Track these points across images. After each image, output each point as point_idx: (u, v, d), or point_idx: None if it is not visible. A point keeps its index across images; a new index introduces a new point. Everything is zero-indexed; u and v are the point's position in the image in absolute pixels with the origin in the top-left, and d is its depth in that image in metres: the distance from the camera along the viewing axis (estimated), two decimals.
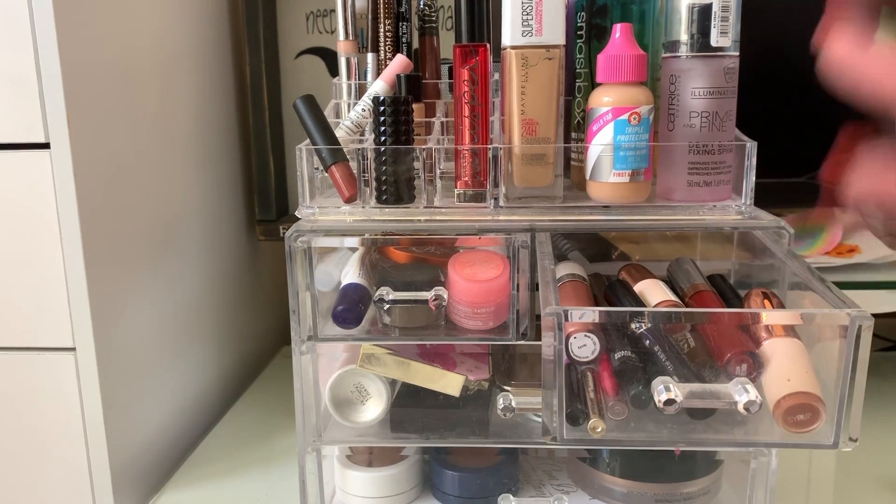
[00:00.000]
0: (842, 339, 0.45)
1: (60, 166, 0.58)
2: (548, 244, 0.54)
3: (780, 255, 0.55)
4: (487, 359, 0.62)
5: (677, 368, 0.48)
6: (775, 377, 0.47)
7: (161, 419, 0.73)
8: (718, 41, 0.54)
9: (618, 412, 0.48)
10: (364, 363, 0.58)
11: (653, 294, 0.55)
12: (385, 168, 0.56)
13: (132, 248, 0.67)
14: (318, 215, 0.58)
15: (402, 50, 0.66)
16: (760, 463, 0.58)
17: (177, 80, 0.76)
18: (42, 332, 0.61)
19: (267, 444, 0.77)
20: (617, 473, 0.61)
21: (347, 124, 0.61)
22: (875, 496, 0.66)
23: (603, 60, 0.54)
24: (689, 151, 0.56)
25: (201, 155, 0.81)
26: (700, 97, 0.55)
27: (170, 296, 0.74)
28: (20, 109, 0.57)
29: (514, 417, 0.55)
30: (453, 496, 0.63)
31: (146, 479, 0.70)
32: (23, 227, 0.59)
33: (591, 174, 0.56)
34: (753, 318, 0.50)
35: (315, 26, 0.94)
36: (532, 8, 0.53)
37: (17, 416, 0.63)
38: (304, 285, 0.55)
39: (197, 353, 0.81)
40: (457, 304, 0.55)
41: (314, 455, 0.60)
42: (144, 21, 0.70)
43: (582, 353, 0.49)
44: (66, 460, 0.63)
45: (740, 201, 0.57)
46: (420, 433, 0.60)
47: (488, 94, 0.56)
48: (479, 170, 0.57)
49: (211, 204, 0.84)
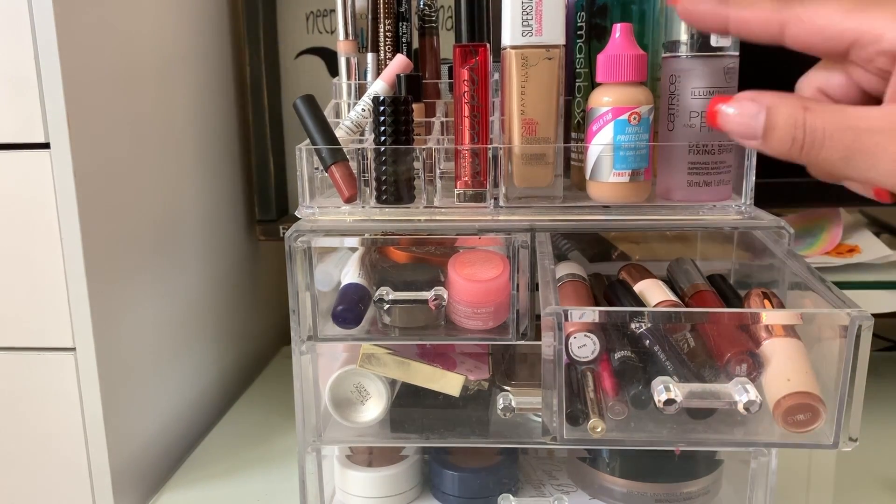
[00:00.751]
0: (842, 339, 0.45)
1: (60, 166, 0.58)
2: (548, 244, 0.54)
3: (780, 255, 0.55)
4: (487, 359, 0.62)
5: (677, 368, 0.48)
6: (775, 377, 0.47)
7: (161, 419, 0.73)
8: (718, 41, 0.54)
9: (618, 412, 0.48)
10: (364, 363, 0.58)
11: (653, 294, 0.55)
12: (385, 168, 0.56)
13: (132, 248, 0.67)
14: (318, 215, 0.58)
15: (402, 50, 0.66)
16: (760, 463, 0.58)
17: (177, 80, 0.76)
18: (42, 332, 0.61)
19: (267, 444, 0.77)
20: (617, 473, 0.61)
21: (347, 124, 0.61)
22: (875, 496, 0.66)
23: (603, 60, 0.54)
24: (688, 151, 0.56)
25: (201, 155, 0.81)
26: (700, 97, 0.55)
27: (170, 296, 0.74)
28: (20, 109, 0.57)
29: (514, 417, 0.55)
30: (453, 496, 0.63)
31: (146, 479, 0.70)
32: (23, 227, 0.59)
33: (590, 174, 0.56)
34: (753, 318, 0.50)
35: (315, 26, 0.95)
36: (532, 8, 0.53)
37: (17, 416, 0.63)
38: (303, 285, 0.55)
39: (197, 353, 0.81)
40: (457, 304, 0.55)
41: (314, 455, 0.60)
42: (144, 21, 0.70)
43: (582, 353, 0.49)
44: (66, 460, 0.64)
45: (740, 201, 0.57)
46: (420, 433, 0.60)
47: (488, 94, 0.56)
48: (479, 170, 0.57)
49: (211, 204, 0.84)
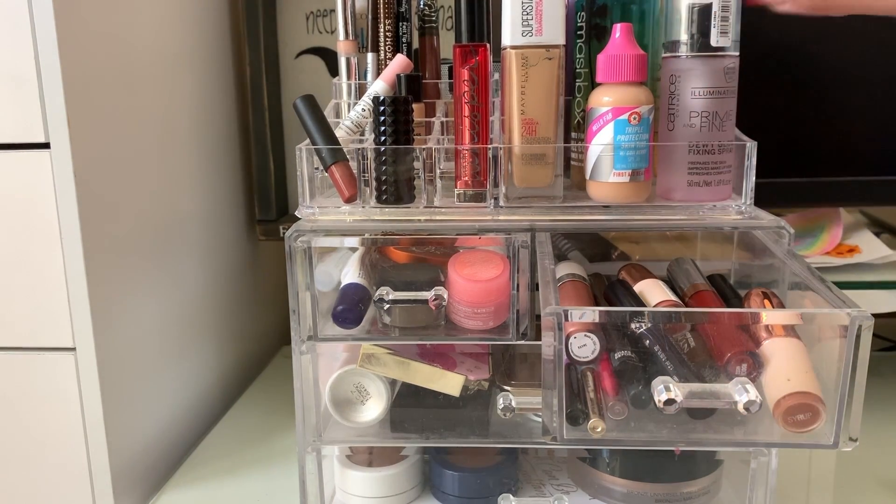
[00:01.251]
0: (842, 339, 0.45)
1: (60, 166, 0.58)
2: (548, 244, 0.54)
3: (780, 255, 0.55)
4: (487, 359, 0.62)
5: (677, 368, 0.48)
6: (775, 377, 0.47)
7: (161, 419, 0.73)
8: (718, 41, 0.54)
9: (618, 412, 0.48)
10: (364, 363, 0.58)
11: (653, 294, 0.55)
12: (385, 168, 0.56)
13: (132, 247, 0.67)
14: (318, 215, 0.58)
15: (402, 50, 0.66)
16: (760, 463, 0.58)
17: (177, 80, 0.76)
18: (42, 332, 0.61)
19: (267, 444, 0.77)
20: (617, 473, 0.61)
21: (347, 124, 0.61)
22: (875, 496, 0.66)
23: (603, 60, 0.54)
24: (689, 151, 0.56)
25: (201, 155, 0.81)
26: (700, 97, 0.55)
27: (170, 296, 0.74)
28: (20, 109, 0.57)
29: (514, 417, 0.55)
30: (453, 496, 0.63)
31: (146, 480, 0.70)
32: (23, 227, 0.59)
33: (591, 174, 0.56)
34: (753, 318, 0.50)
35: (315, 26, 0.94)
36: (532, 8, 0.53)
37: (17, 416, 0.63)
38: (304, 285, 0.55)
39: (197, 353, 0.81)
40: (457, 304, 0.55)
41: (314, 455, 0.60)
42: (144, 21, 0.70)
43: (582, 353, 0.49)
44: (66, 460, 0.63)
45: (740, 201, 0.57)
46: (420, 433, 0.59)
47: (488, 94, 0.56)
48: (479, 170, 0.57)
49: (211, 203, 0.84)
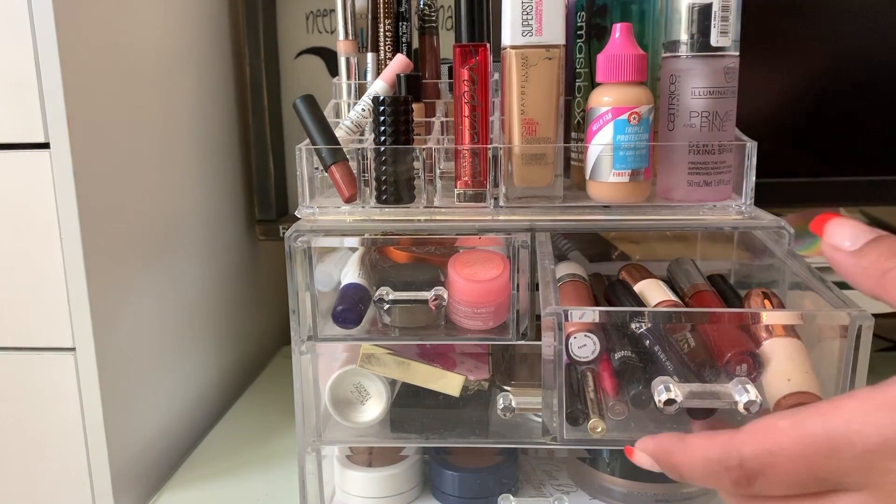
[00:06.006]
0: (842, 339, 0.45)
1: (60, 166, 0.58)
2: (548, 244, 0.54)
3: (780, 255, 0.55)
4: (487, 359, 0.62)
5: (677, 368, 0.48)
6: (775, 377, 0.47)
7: (161, 419, 0.73)
8: (718, 41, 0.54)
9: (618, 412, 0.48)
10: (364, 363, 0.58)
11: (653, 294, 0.55)
12: (385, 168, 0.56)
13: (132, 247, 0.67)
14: (318, 215, 0.58)
15: (402, 50, 0.66)
16: None
17: (177, 81, 0.76)
18: (42, 332, 0.61)
19: (267, 444, 0.77)
20: (617, 473, 0.61)
21: (347, 124, 0.61)
22: None
23: (603, 60, 0.54)
24: (689, 151, 0.56)
25: (201, 155, 0.81)
26: (700, 97, 0.55)
27: (170, 296, 0.74)
28: (20, 109, 0.57)
29: (514, 417, 0.55)
30: (453, 496, 0.63)
31: (146, 480, 0.70)
32: (22, 227, 0.59)
33: (590, 174, 0.56)
34: (753, 318, 0.50)
35: (315, 26, 0.94)
36: (532, 8, 0.53)
37: (17, 416, 0.63)
38: (303, 285, 0.55)
39: (197, 353, 0.81)
40: (457, 304, 0.55)
41: (314, 455, 0.60)
42: (144, 21, 0.70)
43: (582, 353, 0.49)
44: (65, 460, 0.63)
45: (740, 201, 0.57)
46: (420, 433, 0.59)
47: (488, 94, 0.56)
48: (479, 170, 0.57)
49: (211, 204, 0.84)
